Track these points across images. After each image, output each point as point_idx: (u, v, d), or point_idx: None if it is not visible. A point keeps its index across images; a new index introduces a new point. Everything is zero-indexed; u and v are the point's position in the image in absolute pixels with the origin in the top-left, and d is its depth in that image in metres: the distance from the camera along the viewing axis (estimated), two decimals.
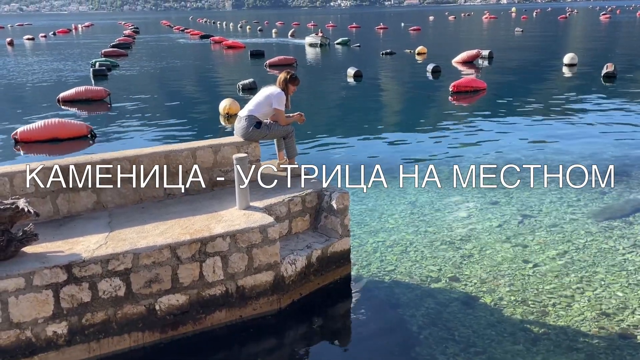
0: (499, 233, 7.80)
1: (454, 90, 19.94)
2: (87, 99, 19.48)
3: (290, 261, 5.52)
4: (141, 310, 4.81)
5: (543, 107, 18.07)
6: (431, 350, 5.26)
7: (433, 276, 6.64)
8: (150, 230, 5.07)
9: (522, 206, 8.82)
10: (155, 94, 23.64)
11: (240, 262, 5.15)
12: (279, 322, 5.50)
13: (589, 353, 5.11)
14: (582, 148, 12.36)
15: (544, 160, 11.48)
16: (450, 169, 11.08)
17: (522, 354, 5.16)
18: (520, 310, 5.85)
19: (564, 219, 8.17)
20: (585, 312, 5.76)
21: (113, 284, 4.64)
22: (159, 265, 4.79)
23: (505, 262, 6.92)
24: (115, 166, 5.61)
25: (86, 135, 13.75)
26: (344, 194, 6.00)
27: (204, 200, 5.87)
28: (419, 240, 7.66)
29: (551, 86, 23.54)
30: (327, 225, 6.07)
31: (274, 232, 5.24)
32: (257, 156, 6.39)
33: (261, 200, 5.79)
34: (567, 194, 9.25)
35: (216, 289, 5.11)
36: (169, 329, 4.99)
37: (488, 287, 6.34)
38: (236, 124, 6.38)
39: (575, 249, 7.18)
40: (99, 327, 4.69)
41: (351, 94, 23.64)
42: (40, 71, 32.39)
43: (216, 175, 6.15)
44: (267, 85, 6.50)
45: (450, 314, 5.85)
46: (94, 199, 5.58)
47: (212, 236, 4.97)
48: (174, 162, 5.90)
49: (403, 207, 9.02)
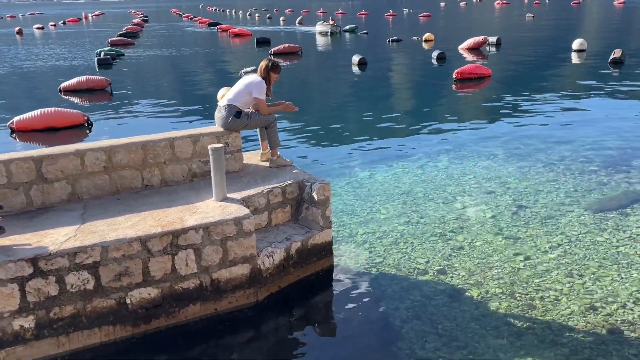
0: (492, 224, 7.62)
1: (457, 77, 19.64)
2: (89, 89, 19.44)
3: (267, 253, 5.40)
4: (111, 304, 4.72)
5: (547, 95, 17.73)
6: (412, 345, 5.14)
7: (421, 268, 6.49)
8: (122, 222, 4.97)
9: (519, 196, 8.62)
10: (158, 83, 23.57)
11: (214, 255, 5.03)
12: (256, 315, 5.39)
13: (573, 348, 4.96)
14: (583, 136, 12.09)
15: (544, 148, 11.24)
16: (448, 158, 10.89)
17: (505, 349, 5.01)
18: (507, 303, 5.69)
19: (560, 211, 7.97)
20: (573, 306, 5.59)
21: (81, 278, 4.55)
22: (129, 259, 4.68)
23: (495, 254, 6.75)
24: (90, 157, 5.50)
25: (82, 124, 13.69)
26: (325, 185, 5.86)
27: (182, 191, 5.75)
28: (409, 232, 7.51)
29: (557, 73, 23.13)
30: (308, 217, 5.93)
31: (249, 224, 5.11)
32: (237, 146, 6.25)
33: (240, 191, 5.66)
34: (564, 184, 9.04)
35: (190, 282, 5.00)
36: (142, 323, 4.90)
37: (476, 279, 6.18)
38: (216, 114, 6.24)
39: (569, 241, 6.99)
40: (68, 321, 4.60)
41: (354, 82, 23.39)
42: (46, 60, 32.44)
43: (195, 166, 6.03)
44: (248, 73, 6.34)
45: (434, 307, 5.71)
46: (69, 190, 5.48)
47: (184, 228, 4.86)
48: (151, 152, 5.78)
49: (396, 197, 8.85)
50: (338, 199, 8.84)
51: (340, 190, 9.27)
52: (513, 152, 11.15)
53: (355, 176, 10.06)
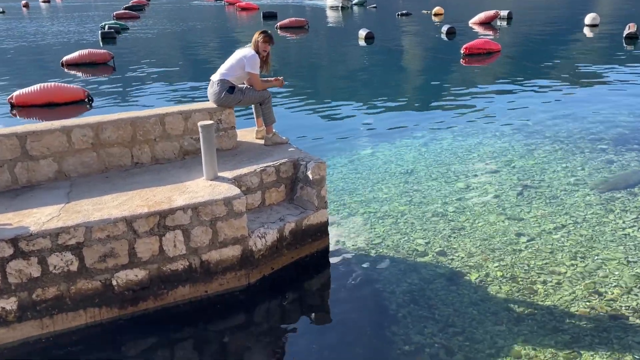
0: (495, 204, 7.40)
1: (466, 53, 19.21)
2: (91, 62, 19.21)
3: (259, 235, 5.23)
4: (97, 286, 4.58)
5: (557, 70, 17.31)
6: (407, 330, 4.97)
7: (420, 250, 6.30)
8: (108, 201, 4.80)
9: (524, 176, 8.37)
10: (163, 57, 23.27)
11: (203, 236, 4.87)
12: (248, 298, 5.24)
13: (575, 335, 4.77)
14: (593, 113, 11.76)
15: (552, 125, 10.94)
16: (453, 136, 10.63)
17: (503, 335, 4.84)
18: (507, 288, 5.50)
19: (565, 190, 7.73)
20: (576, 290, 5.40)
21: (64, 259, 4.41)
22: (114, 239, 4.53)
23: (497, 235, 6.55)
24: (76, 133, 5.31)
25: (83, 99, 13.50)
26: (320, 164, 5.65)
27: (172, 169, 5.57)
28: (411, 212, 7.30)
29: (569, 48, 22.59)
30: (302, 197, 5.74)
31: (239, 204, 4.93)
32: (231, 123, 6.04)
33: (232, 170, 5.47)
34: (572, 163, 8.77)
35: (178, 264, 4.85)
36: (129, 305, 4.76)
37: (476, 262, 5.99)
38: (209, 89, 6.01)
39: (574, 222, 6.77)
40: (52, 303, 4.47)
41: (359, 57, 22.98)
42: (51, 34, 32.15)
43: (187, 143, 5.83)
44: (243, 46, 6.09)
45: (432, 291, 5.53)
46: (55, 168, 5.31)
47: (172, 209, 4.68)
48: (140, 129, 5.58)
49: (399, 175, 8.64)
50: (339, 177, 8.65)
51: (341, 168, 9.07)
52: (520, 129, 10.86)
53: (358, 154, 9.84)
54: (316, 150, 10.03)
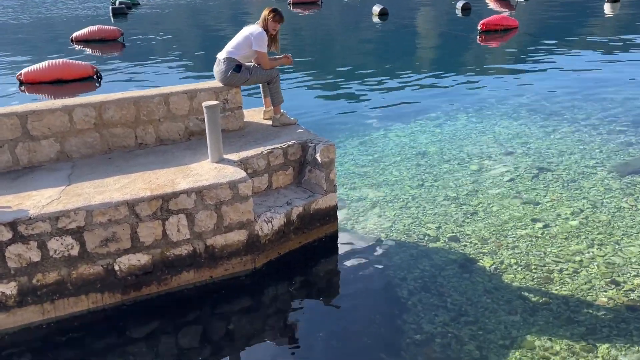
0: (510, 188, 7.18)
1: (482, 29, 18.74)
2: (100, 39, 19.03)
3: (266, 219, 5.07)
4: (98, 271, 4.47)
5: (577, 48, 16.82)
6: (418, 319, 4.81)
7: (432, 235, 6.12)
8: (110, 184, 4.67)
9: (540, 158, 8.12)
10: (173, 34, 23.01)
11: (208, 221, 4.72)
12: (254, 283, 5.11)
13: (591, 326, 4.59)
14: (614, 93, 11.38)
15: (570, 106, 10.61)
16: (467, 117, 10.35)
17: (517, 325, 4.66)
18: (521, 276, 5.32)
19: (584, 173, 7.47)
20: (593, 279, 5.20)
21: (65, 243, 4.29)
22: (116, 224, 4.40)
23: (512, 220, 6.34)
24: (78, 113, 5.16)
25: (91, 76, 13.36)
26: (329, 146, 5.46)
27: (177, 151, 5.41)
28: (422, 195, 7.10)
29: (589, 24, 21.96)
30: (311, 180, 5.57)
31: (245, 187, 4.77)
32: (238, 103, 5.85)
33: (238, 152, 5.30)
34: (590, 145, 8.49)
35: (182, 249, 4.72)
36: (131, 290, 4.66)
37: (489, 248, 5.80)
38: (215, 67, 5.81)
39: (592, 207, 6.53)
40: (52, 287, 4.37)
41: (373, 33, 22.55)
42: (62, 9, 31.94)
43: (192, 123, 5.66)
44: (249, 23, 5.86)
45: (444, 278, 5.36)
46: (57, 149, 5.18)
47: (175, 192, 4.53)
48: (144, 108, 5.41)
49: (411, 158, 8.42)
50: (350, 159, 8.46)
51: (352, 150, 8.87)
52: (537, 109, 10.55)
53: (370, 135, 9.62)
54: (327, 131, 9.84)
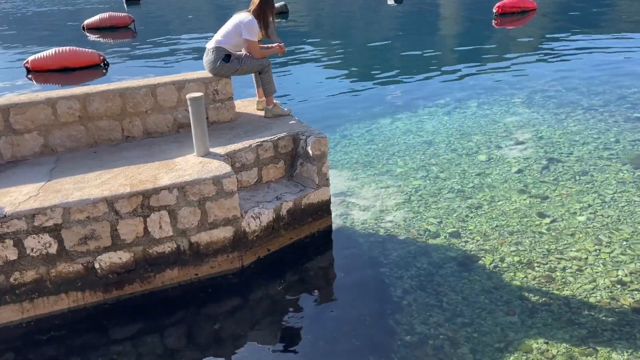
0: (517, 180, 6.89)
1: (498, 12, 18.20)
2: (112, 26, 18.97)
3: (253, 215, 4.90)
4: (78, 269, 4.35)
5: (597, 32, 16.23)
6: (411, 319, 4.61)
7: (432, 230, 5.89)
8: (91, 180, 4.53)
9: (551, 148, 7.79)
10: (188, 21, 22.84)
11: (191, 217, 4.57)
12: (242, 281, 4.95)
13: (592, 329, 4.33)
14: (633, 79, 10.92)
15: (587, 92, 10.21)
16: (478, 103, 10.02)
17: (515, 327, 4.44)
18: (522, 274, 5.07)
19: (596, 165, 7.14)
20: (598, 279, 4.93)
21: (42, 241, 4.17)
22: (95, 221, 4.26)
23: (517, 215, 6.07)
24: (62, 106, 5.02)
25: (99, 64, 13.28)
26: (321, 139, 5.24)
27: (164, 144, 5.25)
28: (426, 188, 6.86)
29: (611, 6, 21.20)
30: (302, 174, 5.37)
31: (230, 183, 4.59)
32: (228, 94, 5.65)
33: (226, 145, 5.11)
34: (605, 134, 8.12)
35: (165, 246, 4.57)
36: (113, 288, 4.53)
37: (491, 245, 5.55)
38: (204, 57, 5.61)
39: (602, 201, 6.23)
40: (31, 286, 4.27)
41: (386, 17, 22.10)
42: None
43: (181, 115, 5.48)
44: (239, 11, 5.64)
45: (442, 277, 5.13)
46: (41, 142, 5.05)
47: (156, 188, 4.38)
48: (130, 100, 5.25)
49: (417, 147, 8.15)
50: (354, 149, 8.24)
51: (357, 139, 8.64)
52: (551, 96, 10.17)
53: (377, 122, 9.37)
54: (332, 119, 9.62)
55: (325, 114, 9.85)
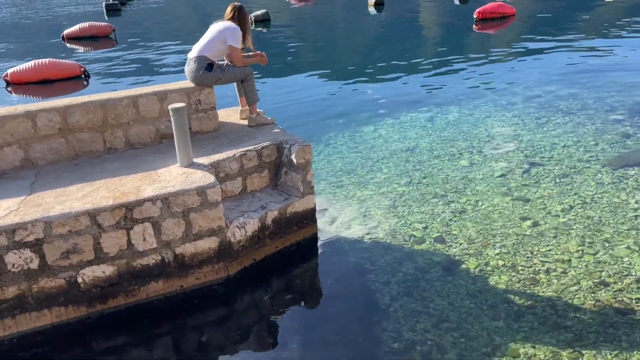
0: (500, 184, 6.95)
1: (479, 18, 18.41)
2: (92, 36, 18.81)
3: (238, 225, 4.88)
4: (61, 284, 4.29)
5: (574, 36, 16.50)
6: (399, 326, 4.61)
7: (417, 236, 5.91)
8: (72, 193, 4.48)
9: (532, 152, 7.87)
10: (167, 30, 22.76)
11: (175, 229, 4.53)
12: (228, 291, 4.92)
13: (578, 332, 4.37)
14: (610, 82, 11.10)
15: (566, 96, 10.35)
16: (460, 108, 10.11)
17: (501, 332, 4.46)
18: (507, 277, 5.11)
19: (576, 168, 7.24)
20: (582, 280, 4.98)
21: (23, 256, 4.11)
22: (77, 235, 4.21)
23: (500, 219, 6.12)
24: (42, 118, 4.97)
25: (79, 75, 13.16)
26: (305, 147, 5.24)
27: (147, 155, 5.21)
28: (410, 193, 6.88)
29: (588, 11, 21.59)
30: (287, 182, 5.36)
31: (214, 193, 4.57)
32: (211, 104, 5.63)
33: (210, 155, 5.09)
34: (584, 137, 8.24)
35: (149, 258, 4.53)
36: (97, 302, 4.48)
37: (476, 249, 5.59)
38: (186, 67, 5.59)
39: (582, 203, 6.31)
40: (13, 302, 4.20)
41: (368, 24, 22.25)
42: (55, 7, 31.70)
43: (164, 126, 5.45)
44: (217, 21, 5.64)
45: (427, 282, 5.15)
46: (21, 156, 4.99)
47: (139, 200, 4.34)
48: (112, 112, 5.21)
49: (400, 153, 8.19)
50: (338, 157, 8.25)
51: (341, 147, 8.65)
52: (532, 100, 10.30)
53: (360, 130, 9.39)
54: (316, 127, 9.63)
55: (308, 122, 9.85)
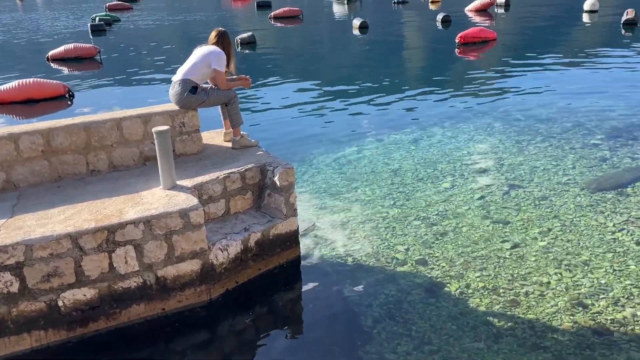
0: (481, 207, 7.05)
1: (460, 42, 18.76)
2: (77, 57, 18.81)
3: (221, 247, 4.89)
4: (41, 307, 4.26)
5: (554, 60, 16.88)
6: (381, 349, 4.64)
7: (400, 258, 5.96)
8: (54, 215, 4.47)
9: (512, 175, 8.01)
10: (152, 51, 22.83)
11: (158, 251, 4.54)
12: (210, 315, 4.92)
13: (556, 352, 4.44)
14: (589, 105, 11.36)
15: (546, 119, 10.56)
16: (443, 131, 10.25)
17: (482, 353, 4.51)
18: (488, 300, 5.17)
19: (555, 190, 7.37)
20: (560, 302, 5.06)
21: (3, 280, 4.09)
22: (58, 258, 4.20)
23: (481, 241, 6.21)
24: (25, 141, 4.97)
25: (63, 95, 13.14)
26: (288, 169, 5.30)
27: (130, 177, 5.23)
28: (393, 216, 6.95)
29: (567, 35, 22.13)
30: (270, 205, 5.40)
31: (197, 216, 4.60)
32: (195, 126, 5.68)
33: (193, 177, 5.12)
34: (563, 160, 8.40)
35: (131, 281, 4.52)
36: (78, 326, 4.45)
37: (457, 271, 5.66)
38: (170, 90, 5.65)
39: (561, 226, 6.42)
40: None
41: (352, 47, 22.54)
42: (42, 27, 31.69)
43: (148, 148, 5.48)
44: (201, 45, 5.72)
45: (410, 304, 5.19)
46: (3, 178, 4.98)
47: (121, 223, 4.35)
48: (95, 134, 5.23)
49: (384, 175, 8.27)
50: (321, 179, 8.31)
51: (325, 169, 8.72)
52: (512, 123, 10.48)
53: (344, 152, 9.47)
54: (300, 149, 9.71)
55: (292, 144, 9.92)
